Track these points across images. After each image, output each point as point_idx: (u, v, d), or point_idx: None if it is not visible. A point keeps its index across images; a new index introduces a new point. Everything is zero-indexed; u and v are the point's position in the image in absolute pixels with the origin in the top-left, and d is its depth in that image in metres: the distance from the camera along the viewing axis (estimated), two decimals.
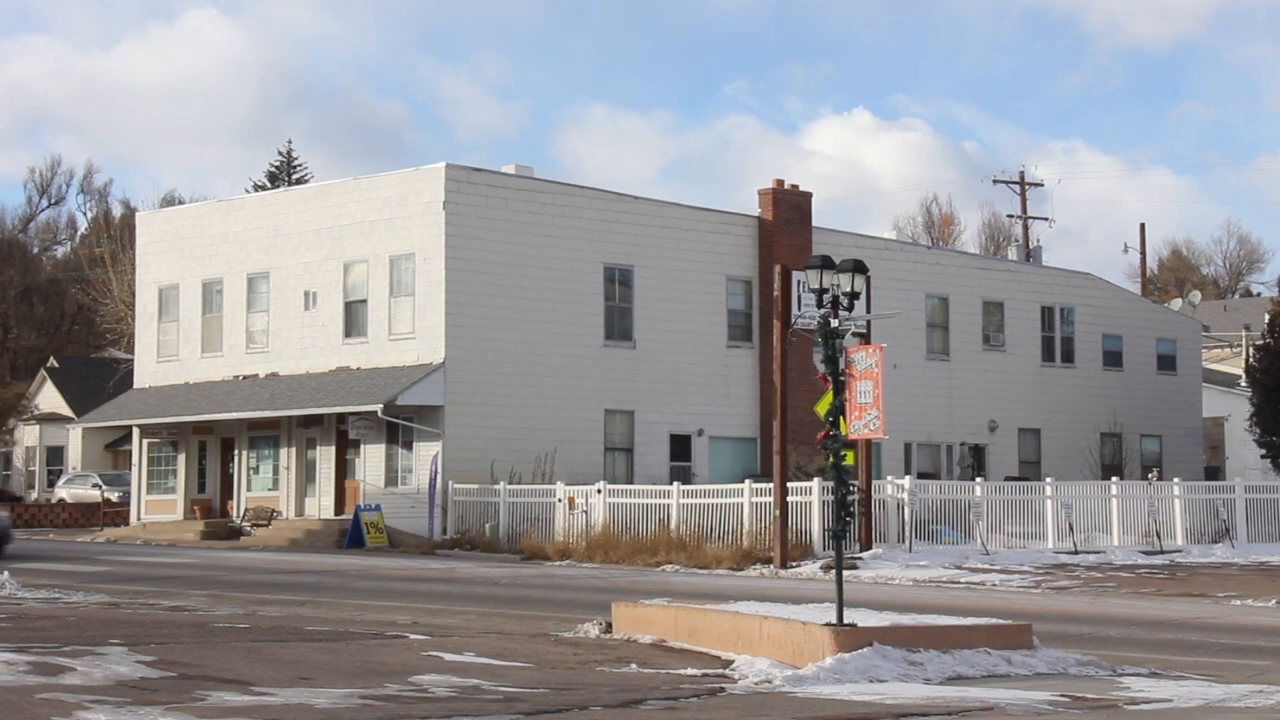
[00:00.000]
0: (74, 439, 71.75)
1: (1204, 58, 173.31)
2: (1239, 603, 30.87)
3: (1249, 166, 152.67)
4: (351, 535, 46.21)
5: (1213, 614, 28.33)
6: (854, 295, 21.98)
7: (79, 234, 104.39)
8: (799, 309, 41.44)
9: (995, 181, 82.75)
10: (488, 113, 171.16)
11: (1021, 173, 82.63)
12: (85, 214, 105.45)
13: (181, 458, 54.68)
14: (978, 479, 46.41)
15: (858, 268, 22.03)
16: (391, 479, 48.36)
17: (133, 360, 59.02)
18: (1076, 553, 41.27)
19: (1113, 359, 62.16)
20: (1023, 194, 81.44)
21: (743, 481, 43.35)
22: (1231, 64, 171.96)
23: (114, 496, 61.81)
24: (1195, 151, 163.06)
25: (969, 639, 20.35)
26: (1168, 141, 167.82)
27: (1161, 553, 42.13)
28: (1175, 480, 46.23)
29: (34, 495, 71.58)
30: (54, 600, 28.99)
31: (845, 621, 20.01)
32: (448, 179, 47.65)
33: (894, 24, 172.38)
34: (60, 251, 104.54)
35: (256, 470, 52.84)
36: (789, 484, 40.18)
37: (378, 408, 46.32)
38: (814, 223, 54.19)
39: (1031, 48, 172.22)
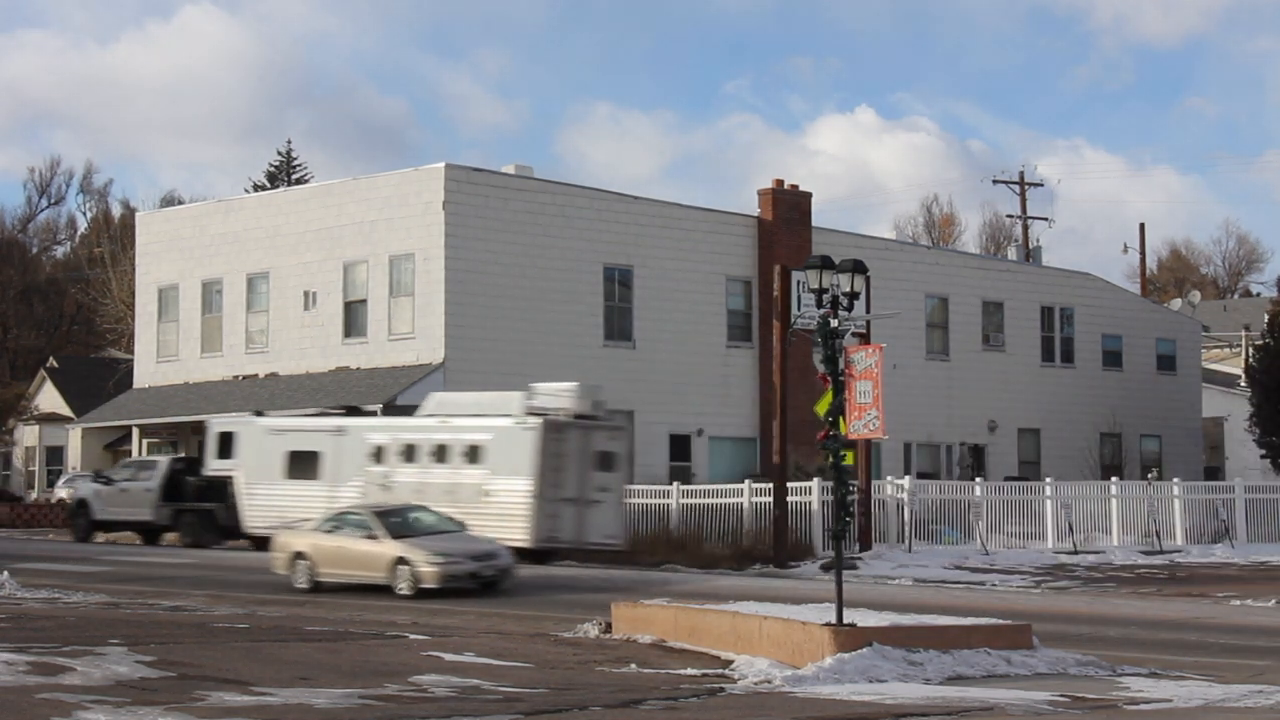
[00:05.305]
0: (74, 439, 71.61)
1: (1210, 53, 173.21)
2: (1239, 603, 30.88)
3: (1254, 164, 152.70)
4: None
5: (1212, 614, 28.33)
6: (854, 295, 22.00)
7: (79, 234, 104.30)
8: (799, 309, 41.43)
9: (995, 181, 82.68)
10: (490, 111, 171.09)
11: (1021, 173, 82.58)
12: (85, 214, 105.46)
13: None
14: (977, 479, 46.41)
15: (857, 268, 22.04)
16: None
17: (132, 360, 58.98)
18: (1076, 553, 41.27)
19: (1112, 359, 62.14)
20: (1022, 194, 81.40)
21: (742, 482, 43.36)
22: (1238, 60, 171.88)
23: None
24: (1200, 149, 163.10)
25: (969, 639, 20.37)
26: (1173, 139, 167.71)
27: (1161, 553, 42.12)
28: (1175, 480, 46.22)
29: (34, 495, 71.46)
30: (54, 600, 28.99)
31: (845, 621, 20.02)
32: (448, 179, 47.65)
33: (898, 21, 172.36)
34: (60, 251, 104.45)
35: None
36: (789, 484, 40.21)
37: (378, 408, 46.27)
38: (815, 223, 54.15)
39: (1037, 44, 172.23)
